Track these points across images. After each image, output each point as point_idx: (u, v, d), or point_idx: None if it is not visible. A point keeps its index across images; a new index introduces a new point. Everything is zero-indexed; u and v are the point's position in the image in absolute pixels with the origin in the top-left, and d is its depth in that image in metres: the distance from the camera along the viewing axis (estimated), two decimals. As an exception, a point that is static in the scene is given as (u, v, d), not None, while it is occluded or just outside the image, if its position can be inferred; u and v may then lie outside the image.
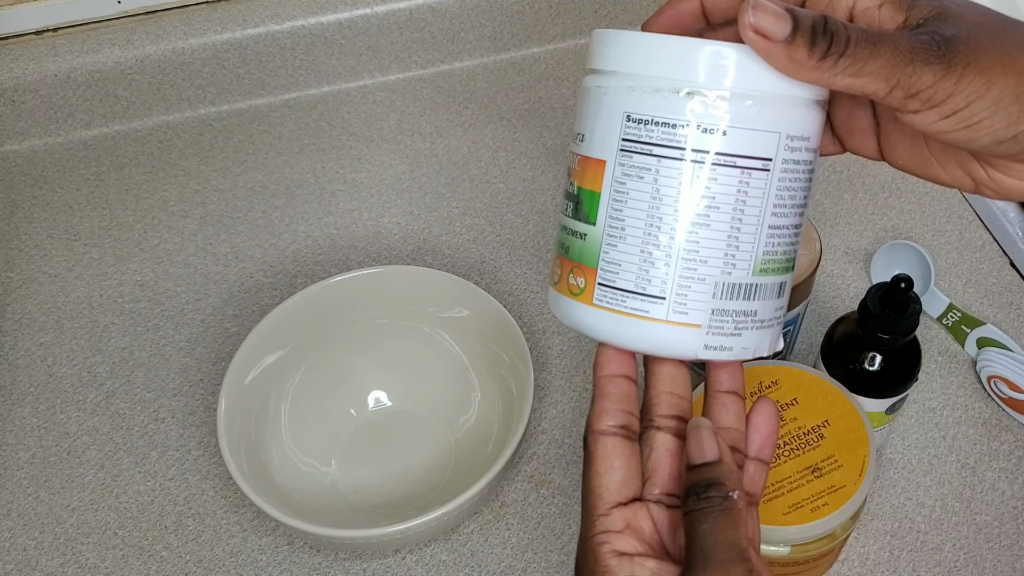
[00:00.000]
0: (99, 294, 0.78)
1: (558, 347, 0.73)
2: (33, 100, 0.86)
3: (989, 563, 0.62)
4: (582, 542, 0.39)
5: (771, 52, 0.35)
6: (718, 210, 0.37)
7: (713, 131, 0.36)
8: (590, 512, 0.39)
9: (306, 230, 0.82)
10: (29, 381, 0.73)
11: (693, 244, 0.37)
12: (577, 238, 0.39)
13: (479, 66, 0.95)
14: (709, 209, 0.37)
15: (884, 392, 0.60)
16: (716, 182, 0.36)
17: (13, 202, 0.85)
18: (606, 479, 0.39)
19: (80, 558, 0.64)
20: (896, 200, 0.82)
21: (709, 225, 0.37)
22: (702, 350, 0.38)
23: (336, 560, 0.63)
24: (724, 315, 0.38)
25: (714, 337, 0.38)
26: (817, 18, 0.35)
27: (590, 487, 0.39)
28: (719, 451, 0.37)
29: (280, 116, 0.91)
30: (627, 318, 0.38)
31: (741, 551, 0.35)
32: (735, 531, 0.36)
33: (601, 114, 0.38)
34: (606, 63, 0.38)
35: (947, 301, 0.73)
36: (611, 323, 0.38)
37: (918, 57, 0.34)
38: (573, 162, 0.40)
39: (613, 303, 0.38)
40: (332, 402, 0.69)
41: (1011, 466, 0.66)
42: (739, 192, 0.37)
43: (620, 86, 0.37)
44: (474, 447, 0.66)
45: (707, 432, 0.37)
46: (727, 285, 0.38)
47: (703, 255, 0.37)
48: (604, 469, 0.39)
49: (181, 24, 0.87)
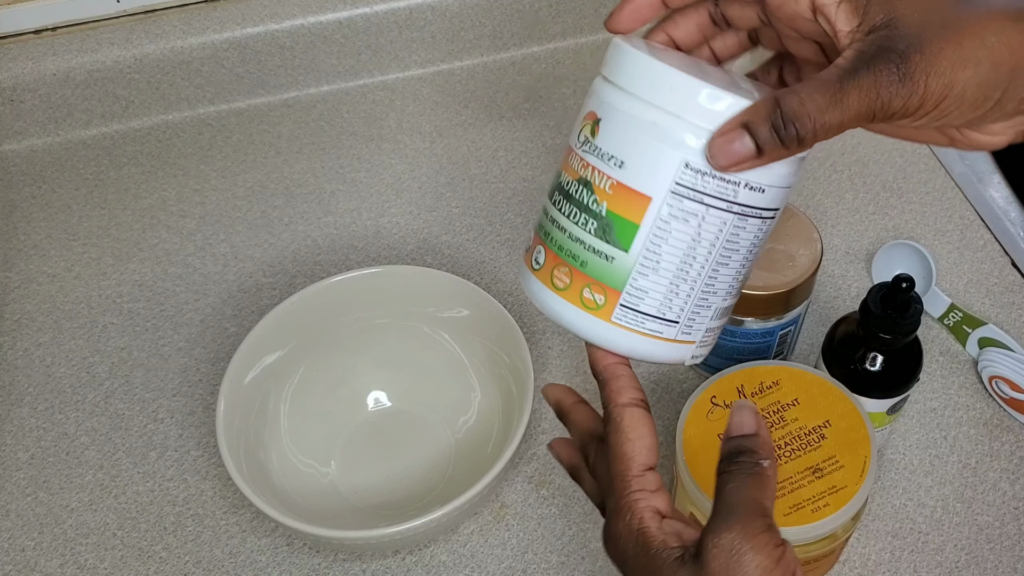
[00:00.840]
0: (98, 294, 0.78)
1: (558, 347, 0.73)
2: (32, 99, 0.86)
3: (990, 564, 0.62)
4: (616, 504, 0.40)
5: (752, 167, 0.37)
6: (738, 251, 0.41)
7: (759, 191, 0.39)
8: (624, 474, 0.40)
9: (305, 230, 0.82)
10: (28, 381, 0.73)
11: (712, 279, 0.41)
12: (601, 258, 0.40)
13: (479, 66, 0.95)
14: (732, 251, 0.40)
15: (885, 392, 0.60)
16: (744, 230, 0.40)
17: (12, 202, 0.85)
18: (638, 444, 0.40)
19: (79, 559, 0.64)
20: (897, 200, 0.82)
21: (728, 264, 0.41)
22: (688, 359, 0.43)
23: (336, 561, 0.63)
24: (710, 332, 0.43)
25: (699, 349, 0.43)
26: (771, 111, 0.36)
27: (622, 452, 0.40)
28: (757, 427, 0.40)
29: (279, 116, 0.91)
30: (642, 337, 0.41)
31: (764, 509, 0.38)
32: (761, 492, 0.38)
33: (653, 151, 0.39)
34: (664, 102, 0.38)
35: (948, 301, 0.73)
36: (626, 339, 0.41)
37: (883, 89, 0.36)
38: (598, 179, 0.40)
39: (632, 324, 0.41)
40: (332, 402, 0.69)
41: (1012, 466, 0.66)
42: (755, 237, 0.41)
43: (680, 132, 0.38)
44: (474, 447, 0.66)
45: (750, 411, 0.40)
46: (721, 309, 0.42)
47: (716, 288, 0.41)
48: (636, 436, 0.41)
49: (180, 23, 0.87)
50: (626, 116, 0.39)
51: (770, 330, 0.65)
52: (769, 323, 0.64)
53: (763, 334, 0.65)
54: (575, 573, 0.62)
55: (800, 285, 0.62)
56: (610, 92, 0.40)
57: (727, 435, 0.40)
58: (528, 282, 0.43)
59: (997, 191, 0.81)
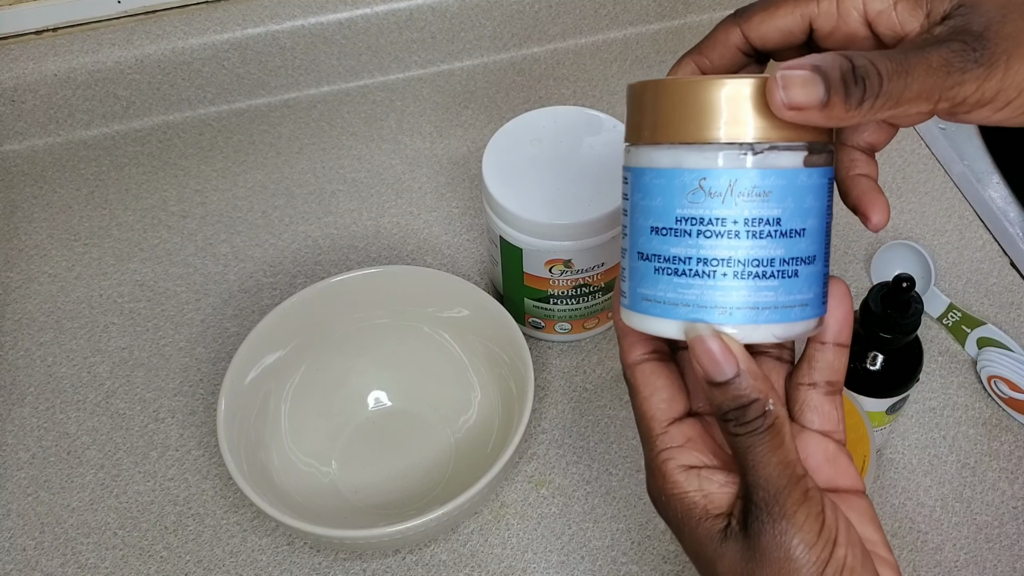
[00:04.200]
0: (99, 294, 0.78)
1: (558, 347, 0.73)
2: (33, 100, 0.86)
3: (989, 563, 0.62)
4: (648, 466, 0.39)
5: (809, 118, 0.34)
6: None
7: None
8: (648, 435, 0.39)
9: (306, 230, 0.82)
10: (29, 381, 0.73)
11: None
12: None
13: (479, 66, 0.95)
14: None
15: (885, 392, 0.60)
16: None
17: (13, 202, 0.85)
18: (654, 400, 0.39)
19: (80, 558, 0.64)
20: (896, 200, 0.82)
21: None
22: None
23: (336, 560, 0.63)
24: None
25: None
26: (844, 66, 0.33)
27: (641, 412, 0.39)
28: (735, 361, 0.35)
29: (280, 116, 0.91)
30: None
31: (794, 471, 0.35)
32: (783, 448, 0.35)
33: None
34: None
35: (947, 301, 0.73)
36: None
37: (954, 68, 0.33)
38: None
39: None
40: (332, 402, 0.69)
41: (1011, 466, 0.66)
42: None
43: None
44: (474, 447, 0.66)
45: (714, 341, 0.35)
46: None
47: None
48: (649, 392, 0.39)
49: (181, 24, 0.87)
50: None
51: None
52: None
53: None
54: (575, 573, 0.62)
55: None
56: None
57: (708, 380, 0.35)
58: None
59: (996, 191, 0.81)
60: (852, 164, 0.41)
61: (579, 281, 0.67)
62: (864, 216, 0.40)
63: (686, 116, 0.35)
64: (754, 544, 0.35)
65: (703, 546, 0.37)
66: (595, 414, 0.70)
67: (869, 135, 0.41)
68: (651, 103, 0.36)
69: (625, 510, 0.65)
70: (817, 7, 0.37)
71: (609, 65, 0.95)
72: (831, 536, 0.35)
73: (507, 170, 0.66)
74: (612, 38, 0.97)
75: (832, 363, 0.39)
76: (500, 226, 0.66)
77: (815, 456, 0.39)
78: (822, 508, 0.35)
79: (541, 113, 0.69)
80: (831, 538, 0.35)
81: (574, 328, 0.71)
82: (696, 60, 0.41)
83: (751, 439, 0.35)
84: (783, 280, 0.35)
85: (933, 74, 0.33)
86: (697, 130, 0.35)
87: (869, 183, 0.41)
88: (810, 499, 0.35)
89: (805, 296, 0.36)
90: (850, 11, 0.37)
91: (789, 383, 0.40)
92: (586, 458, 0.68)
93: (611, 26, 0.96)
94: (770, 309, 0.35)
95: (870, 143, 0.41)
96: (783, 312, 0.36)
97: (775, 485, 0.35)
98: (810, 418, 0.39)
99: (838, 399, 0.39)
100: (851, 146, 0.41)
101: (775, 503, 0.35)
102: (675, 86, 0.35)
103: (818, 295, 0.37)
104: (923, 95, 0.33)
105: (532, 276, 0.67)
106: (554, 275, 0.66)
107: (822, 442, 0.39)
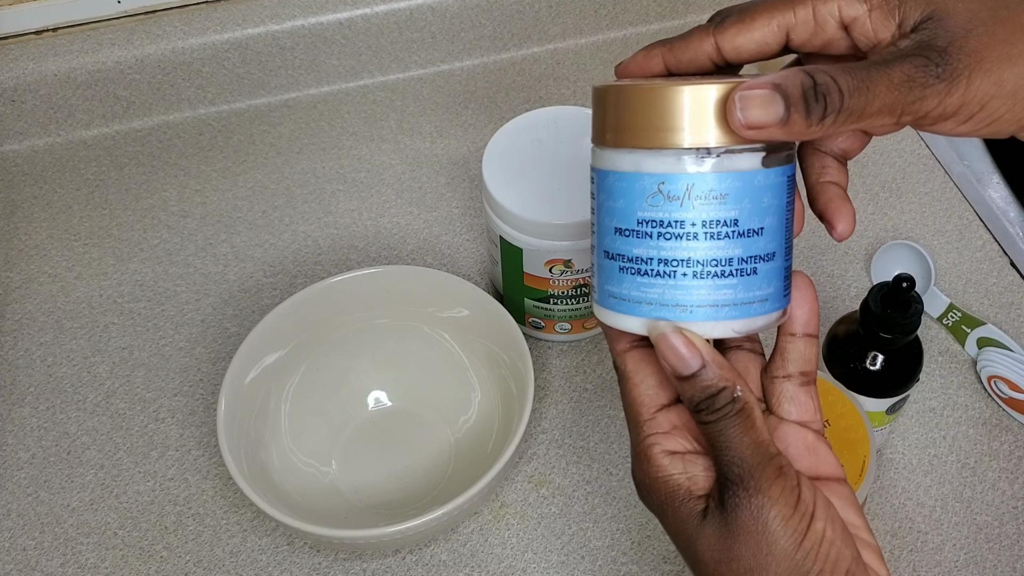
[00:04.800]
0: (99, 294, 0.78)
1: (558, 347, 0.73)
2: (33, 100, 0.86)
3: (989, 563, 0.62)
4: (633, 452, 0.39)
5: (770, 135, 0.34)
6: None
7: None
8: (635, 420, 0.39)
9: (306, 230, 0.82)
10: (29, 381, 0.73)
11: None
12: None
13: (479, 66, 0.95)
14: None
15: (885, 392, 0.60)
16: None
17: (13, 202, 0.85)
18: (643, 387, 0.39)
19: (80, 558, 0.64)
20: (896, 200, 0.82)
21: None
22: None
23: (336, 560, 0.63)
24: None
25: None
26: (806, 83, 0.33)
27: (630, 399, 0.40)
28: (699, 354, 0.36)
29: (280, 116, 0.91)
30: None
31: (766, 450, 0.36)
32: (755, 429, 0.36)
33: None
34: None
35: (947, 301, 0.73)
36: None
37: (916, 83, 0.33)
38: None
39: None
40: (332, 402, 0.69)
41: (1011, 466, 0.66)
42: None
43: None
44: (474, 447, 0.66)
45: (676, 337, 0.36)
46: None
47: None
48: (639, 379, 0.39)
49: (181, 24, 0.87)
50: None
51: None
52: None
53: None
54: (575, 573, 0.62)
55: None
56: None
57: (675, 375, 0.36)
58: None
59: (996, 191, 0.81)
60: (823, 171, 0.41)
61: (579, 281, 0.67)
62: (830, 224, 0.41)
63: (645, 121, 0.35)
64: (731, 520, 0.36)
65: (684, 525, 0.37)
66: (595, 414, 0.70)
67: (842, 142, 0.41)
68: (613, 107, 0.37)
69: (625, 510, 0.65)
70: (795, 16, 0.38)
71: (609, 65, 0.94)
72: (808, 510, 0.36)
73: (507, 170, 0.66)
74: (612, 38, 0.97)
75: (804, 354, 0.40)
76: (500, 226, 0.66)
77: (795, 446, 0.39)
78: (798, 483, 0.36)
79: (541, 113, 0.69)
80: (808, 512, 0.36)
81: (574, 328, 0.71)
82: (666, 56, 0.40)
83: (722, 423, 0.36)
84: (741, 278, 0.36)
85: (895, 89, 0.33)
86: (656, 135, 0.35)
87: (837, 191, 0.41)
88: (785, 474, 0.36)
89: (764, 292, 0.37)
90: (827, 19, 0.37)
91: (764, 376, 0.41)
92: (586, 458, 0.68)
93: (611, 26, 0.96)
94: (729, 306, 0.36)
95: (843, 150, 0.42)
96: (742, 308, 0.36)
97: (749, 462, 0.36)
98: (788, 409, 0.40)
99: (813, 389, 0.40)
100: (824, 152, 0.42)
101: (750, 478, 0.35)
102: (635, 92, 0.36)
103: (779, 289, 0.38)
104: (885, 110, 0.34)
105: (532, 276, 0.67)
106: (554, 275, 0.66)
107: (801, 432, 0.40)
